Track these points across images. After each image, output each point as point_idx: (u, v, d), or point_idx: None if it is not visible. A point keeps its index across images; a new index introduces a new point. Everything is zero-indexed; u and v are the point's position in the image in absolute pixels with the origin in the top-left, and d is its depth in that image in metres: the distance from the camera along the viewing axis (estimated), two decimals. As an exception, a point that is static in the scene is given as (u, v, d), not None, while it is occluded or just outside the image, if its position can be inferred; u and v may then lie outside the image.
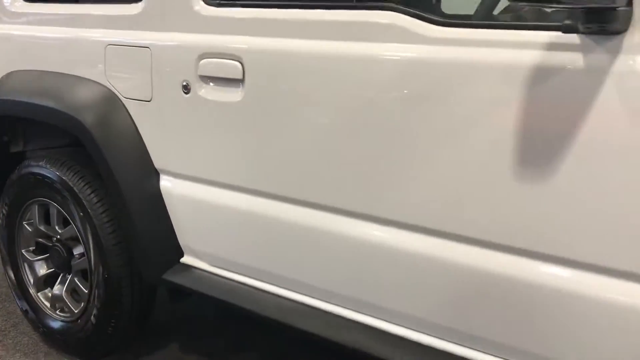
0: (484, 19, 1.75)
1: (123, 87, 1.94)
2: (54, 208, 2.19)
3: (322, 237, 1.62)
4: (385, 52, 1.43)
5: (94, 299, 2.12)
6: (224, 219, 1.83)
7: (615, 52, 1.15)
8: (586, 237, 1.24)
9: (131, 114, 1.93)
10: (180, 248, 1.97)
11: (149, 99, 1.87)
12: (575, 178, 1.22)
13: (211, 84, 1.73)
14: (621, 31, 1.14)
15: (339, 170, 1.55)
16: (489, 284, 1.38)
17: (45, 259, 2.33)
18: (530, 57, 1.24)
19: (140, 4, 1.89)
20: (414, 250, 1.48)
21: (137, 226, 1.94)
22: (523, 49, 1.26)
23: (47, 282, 2.34)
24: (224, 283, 1.87)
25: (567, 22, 1.16)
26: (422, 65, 1.38)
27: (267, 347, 2.35)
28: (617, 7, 1.09)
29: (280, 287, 1.77)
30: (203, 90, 1.74)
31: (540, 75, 1.23)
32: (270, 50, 1.61)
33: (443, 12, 2.24)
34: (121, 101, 1.94)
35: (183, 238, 1.95)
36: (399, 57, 1.42)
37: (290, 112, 1.60)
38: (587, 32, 1.16)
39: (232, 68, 1.67)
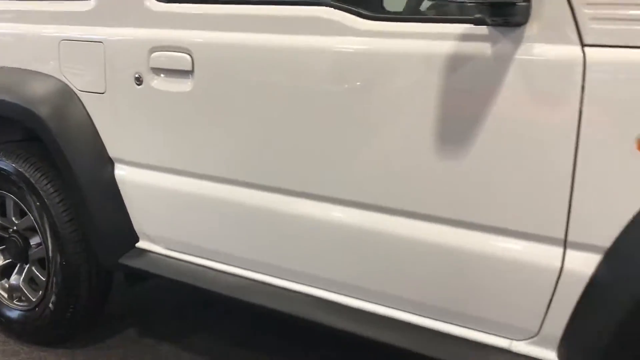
0: (411, 13, 1.91)
1: (77, 80, 2.02)
2: (10, 200, 2.24)
3: (268, 215, 1.74)
4: (322, 44, 1.56)
5: (52, 286, 2.18)
6: (176, 203, 1.92)
7: (517, 42, 1.31)
8: (496, 204, 1.40)
9: (86, 106, 2.02)
10: (135, 233, 2.06)
11: (102, 91, 1.96)
12: (486, 153, 1.38)
13: (162, 75, 1.83)
14: (522, 23, 1.30)
15: (280, 153, 1.67)
16: (421, 252, 1.53)
17: (1, 251, 2.37)
18: (449, 47, 1.39)
19: (92, 0, 1.98)
20: (350, 223, 1.61)
21: (93, 214, 2.02)
22: (443, 40, 1.41)
23: (4, 273, 2.38)
24: (178, 264, 1.97)
25: (478, 15, 1.33)
26: (354, 56, 1.52)
27: (221, 330, 2.44)
28: (517, 3, 1.25)
29: (232, 265, 1.88)
30: (155, 82, 1.84)
31: (456, 63, 1.38)
32: (218, 43, 1.72)
33: (382, 8, 2.39)
34: (76, 94, 2.02)
35: (138, 223, 2.04)
36: (334, 49, 1.55)
37: (236, 100, 1.71)
38: (494, 24, 1.32)
39: (182, 60, 1.77)
